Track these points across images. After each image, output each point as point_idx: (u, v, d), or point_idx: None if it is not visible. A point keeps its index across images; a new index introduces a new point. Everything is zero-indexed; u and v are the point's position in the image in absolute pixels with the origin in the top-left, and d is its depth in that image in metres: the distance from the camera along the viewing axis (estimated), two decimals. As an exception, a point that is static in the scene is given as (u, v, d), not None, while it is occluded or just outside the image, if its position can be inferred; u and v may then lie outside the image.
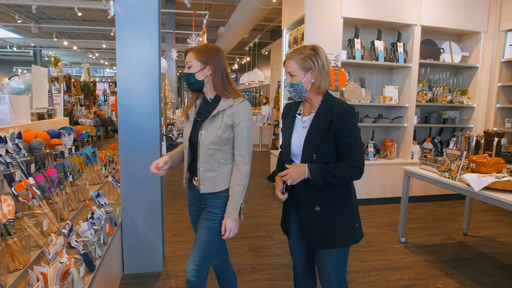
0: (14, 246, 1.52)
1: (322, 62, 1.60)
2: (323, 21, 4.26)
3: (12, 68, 19.52)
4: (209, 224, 1.78)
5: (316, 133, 1.60)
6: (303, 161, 1.63)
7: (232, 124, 1.71)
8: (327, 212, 1.65)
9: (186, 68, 1.74)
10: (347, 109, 1.59)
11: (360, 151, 1.60)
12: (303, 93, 1.63)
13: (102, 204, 2.51)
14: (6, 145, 1.94)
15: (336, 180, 1.58)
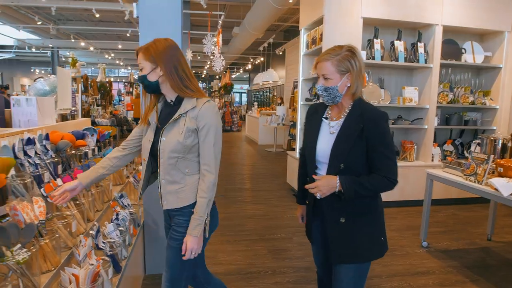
0: (46, 247, 1.54)
1: (360, 65, 1.48)
2: (342, 21, 4.21)
3: (30, 68, 19.93)
4: (174, 244, 1.61)
5: (345, 142, 1.49)
6: (330, 170, 1.53)
7: (196, 128, 1.53)
8: (352, 224, 1.55)
9: (139, 71, 1.57)
10: (380, 115, 1.48)
11: (393, 161, 1.49)
12: (337, 97, 1.51)
13: (125, 205, 2.52)
14: (34, 146, 1.96)
15: (369, 192, 1.49)
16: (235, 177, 6.41)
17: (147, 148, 1.62)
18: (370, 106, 1.52)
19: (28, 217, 1.49)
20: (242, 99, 28.34)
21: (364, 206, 1.56)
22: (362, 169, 1.51)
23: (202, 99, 1.56)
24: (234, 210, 4.43)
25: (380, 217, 1.62)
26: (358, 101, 1.53)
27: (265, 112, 10.99)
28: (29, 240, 1.38)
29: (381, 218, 1.62)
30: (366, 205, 1.56)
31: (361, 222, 1.56)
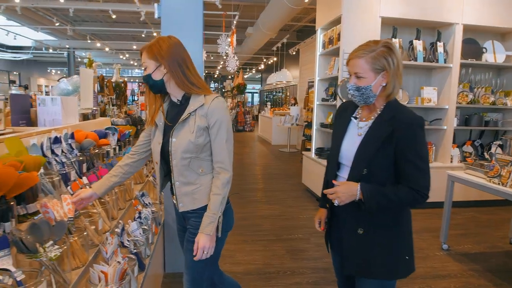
0: (75, 244, 1.56)
1: (398, 62, 1.34)
2: (360, 20, 4.18)
3: (46, 68, 20.32)
4: (190, 246, 1.57)
5: (371, 145, 1.36)
6: (352, 174, 1.41)
7: (206, 125, 1.49)
8: (371, 237, 1.40)
9: (144, 70, 1.53)
10: (414, 120, 1.32)
11: (426, 173, 1.32)
12: (370, 98, 1.37)
13: (147, 203, 2.54)
14: (61, 145, 1.99)
15: (393, 205, 1.35)
16: (250, 177, 6.41)
17: (157, 151, 1.58)
18: (405, 109, 1.38)
19: (58, 214, 1.52)
20: (254, 99, 28.36)
21: (388, 217, 1.40)
22: (387, 177, 1.37)
23: (210, 96, 1.52)
24: (250, 210, 4.43)
25: (406, 232, 1.45)
26: (393, 103, 1.40)
27: (278, 112, 10.97)
28: (60, 237, 1.40)
29: (407, 233, 1.45)
30: (390, 217, 1.41)
31: (380, 236, 1.41)
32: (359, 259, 1.44)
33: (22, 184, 1.34)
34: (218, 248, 1.64)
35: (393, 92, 1.37)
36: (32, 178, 1.37)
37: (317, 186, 4.88)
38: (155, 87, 1.53)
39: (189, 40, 2.57)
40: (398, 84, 1.37)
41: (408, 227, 1.47)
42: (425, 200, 1.35)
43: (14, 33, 11.00)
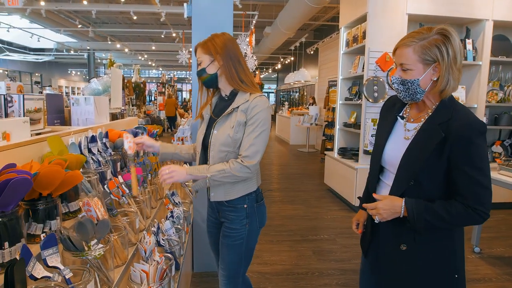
0: (115, 243, 1.57)
1: (455, 53, 1.14)
2: (386, 18, 4.10)
3: (67, 70, 20.79)
4: (230, 242, 1.62)
5: (419, 153, 1.18)
6: (396, 186, 1.24)
7: (245, 121, 1.51)
8: (416, 253, 1.23)
9: (198, 65, 1.59)
10: (473, 126, 1.12)
11: (486, 189, 1.13)
12: (417, 94, 1.19)
13: (176, 202, 2.55)
14: (96, 144, 2.01)
15: (445, 225, 1.17)
16: (271, 177, 6.39)
17: (200, 141, 1.65)
18: (463, 111, 1.17)
19: (100, 213, 1.53)
20: (270, 99, 28.34)
21: (432, 231, 1.21)
22: (438, 192, 1.19)
23: (255, 94, 1.55)
24: (274, 210, 4.41)
25: (456, 249, 1.24)
26: (448, 102, 1.20)
27: (296, 112, 10.91)
28: (103, 236, 1.41)
29: (458, 249, 1.25)
30: (434, 231, 1.21)
31: (427, 252, 1.24)
32: (400, 279, 1.28)
33: (68, 183, 1.35)
34: (252, 244, 1.68)
35: (447, 89, 1.17)
36: (77, 177, 1.38)
37: (341, 186, 4.82)
38: (209, 81, 1.59)
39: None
40: (454, 80, 1.17)
41: (461, 239, 1.28)
42: (484, 220, 1.16)
43: (37, 35, 11.28)
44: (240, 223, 1.61)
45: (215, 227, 1.79)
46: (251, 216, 1.63)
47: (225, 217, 1.65)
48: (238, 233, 1.62)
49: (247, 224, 1.63)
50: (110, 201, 1.74)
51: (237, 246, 1.63)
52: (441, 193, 1.20)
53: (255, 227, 1.66)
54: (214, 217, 1.78)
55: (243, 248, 1.65)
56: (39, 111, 1.81)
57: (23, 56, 14.75)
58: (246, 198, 1.61)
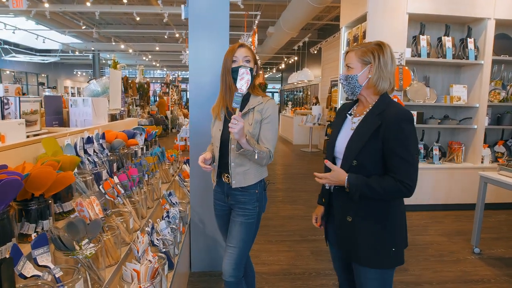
0: (108, 242, 1.59)
1: (385, 60, 1.44)
2: (386, 17, 4.09)
3: (73, 70, 20.97)
4: (244, 220, 1.82)
5: (359, 137, 1.45)
6: (342, 166, 1.49)
7: (261, 119, 1.77)
8: (358, 225, 1.49)
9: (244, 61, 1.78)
10: (402, 115, 1.39)
11: (412, 166, 1.38)
12: (356, 88, 1.49)
13: (174, 203, 2.57)
14: (93, 145, 2.04)
15: (378, 196, 1.41)
16: (273, 177, 6.39)
17: (218, 137, 1.84)
18: (395, 105, 1.45)
19: (93, 213, 1.55)
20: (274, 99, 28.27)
21: (368, 208, 1.47)
22: (376, 170, 1.44)
23: (266, 97, 1.84)
24: (274, 210, 4.41)
25: (396, 226, 1.49)
26: (384, 99, 1.48)
27: (300, 112, 10.90)
28: (95, 235, 1.43)
29: (397, 227, 1.50)
30: (371, 207, 1.47)
31: (366, 226, 1.48)
32: (349, 244, 1.53)
33: (59, 183, 1.38)
34: (258, 226, 1.89)
35: (379, 86, 1.46)
36: (69, 178, 1.40)
37: (341, 186, 4.81)
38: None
39: (215, 41, 2.60)
40: (384, 81, 1.45)
41: (399, 221, 1.51)
42: (410, 193, 1.38)
43: (42, 36, 11.39)
44: (253, 205, 1.83)
45: (222, 210, 1.96)
46: (260, 200, 1.87)
47: (236, 200, 1.84)
48: (251, 212, 1.83)
49: (257, 207, 1.85)
50: (104, 201, 1.76)
51: (250, 225, 1.83)
52: (379, 171, 1.44)
53: (261, 211, 1.90)
54: (222, 202, 1.93)
55: (254, 227, 1.85)
56: (36, 113, 1.84)
57: (29, 57, 14.91)
58: (258, 185, 1.84)
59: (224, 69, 1.83)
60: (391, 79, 1.48)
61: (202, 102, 2.57)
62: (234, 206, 1.87)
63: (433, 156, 4.44)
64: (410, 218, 4.10)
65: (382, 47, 1.46)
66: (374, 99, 1.51)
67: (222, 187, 1.90)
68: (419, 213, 4.27)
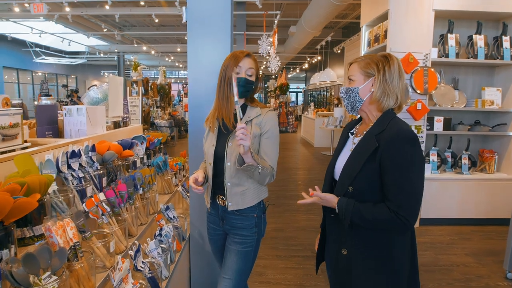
0: (80, 271, 1.45)
1: (391, 73, 1.29)
2: (410, 15, 3.77)
3: (100, 71, 21.55)
4: (241, 248, 1.65)
5: (356, 160, 1.29)
6: (338, 192, 1.34)
7: (260, 133, 1.61)
8: (354, 261, 1.31)
9: (247, 74, 1.62)
10: (402, 136, 1.21)
11: (411, 195, 1.19)
12: (357, 102, 1.34)
13: (171, 217, 2.43)
14: (80, 158, 1.91)
15: (369, 225, 1.25)
16: (289, 182, 6.17)
17: (211, 153, 1.67)
18: (397, 124, 1.27)
19: (62, 239, 1.41)
20: (298, 98, 27.93)
21: (367, 239, 1.29)
22: (376, 197, 1.26)
23: (265, 109, 1.66)
24: (287, 220, 4.20)
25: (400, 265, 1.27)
26: (387, 117, 1.30)
27: (321, 114, 10.58)
28: (59, 267, 1.29)
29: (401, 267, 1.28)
30: (379, 241, 1.28)
31: (364, 262, 1.30)
32: (343, 282, 1.38)
33: (19, 210, 1.24)
34: (257, 253, 1.73)
35: (382, 102, 1.29)
36: (30, 203, 1.27)
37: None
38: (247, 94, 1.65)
39: (217, 44, 2.43)
40: (389, 96, 1.29)
41: (400, 248, 1.29)
42: (406, 227, 1.21)
43: (68, 39, 11.69)
44: (250, 231, 1.66)
45: (217, 234, 1.80)
46: (258, 226, 1.69)
47: (232, 225, 1.67)
48: (248, 239, 1.66)
49: (255, 233, 1.68)
50: (83, 223, 1.63)
51: (247, 253, 1.66)
52: (378, 199, 1.26)
53: (260, 237, 1.73)
54: (216, 225, 1.77)
55: (251, 256, 1.68)
56: (16, 126, 1.73)
57: (57, 60, 15.40)
58: (256, 208, 1.66)
59: (224, 78, 1.63)
60: (398, 95, 1.31)
61: (200, 107, 2.40)
62: (230, 232, 1.71)
63: (461, 165, 4.08)
64: (433, 233, 3.77)
65: (389, 59, 1.31)
66: (377, 116, 1.34)
67: (217, 210, 1.73)
68: (444, 227, 3.92)
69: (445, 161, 4.12)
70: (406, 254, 1.30)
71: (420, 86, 3.79)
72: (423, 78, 3.77)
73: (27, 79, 16.73)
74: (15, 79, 15.86)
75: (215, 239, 1.83)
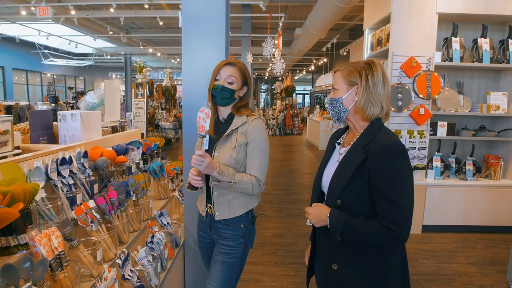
0: (65, 280, 1.43)
1: (375, 81, 1.24)
2: (413, 18, 3.71)
3: (107, 73, 21.75)
4: (225, 258, 1.64)
5: (342, 173, 1.25)
6: (327, 205, 1.29)
7: (246, 142, 1.59)
8: (346, 273, 1.27)
9: (226, 82, 1.60)
10: (390, 148, 1.17)
11: (402, 209, 1.14)
12: (341, 113, 1.30)
13: (165, 224, 2.41)
14: (71, 165, 1.90)
15: (360, 240, 1.21)
16: (292, 186, 6.12)
17: None
18: (385, 135, 1.23)
19: (46, 249, 1.40)
20: (305, 100, 27.84)
21: (358, 254, 1.25)
22: (364, 210, 1.22)
23: (252, 117, 1.63)
24: (287, 225, 4.16)
25: (388, 268, 1.25)
26: (373, 127, 1.26)
27: (326, 116, 10.51)
28: (40, 277, 1.27)
29: (391, 269, 1.25)
30: (361, 254, 1.25)
31: (354, 278, 1.26)
32: None
33: (0, 220, 1.23)
34: (243, 264, 1.71)
35: (367, 111, 1.25)
36: (11, 214, 1.26)
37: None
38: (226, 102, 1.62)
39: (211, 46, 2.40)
40: (374, 105, 1.25)
41: (396, 268, 1.26)
42: (398, 242, 1.17)
43: (75, 41, 11.81)
44: (236, 241, 1.64)
45: (206, 242, 1.79)
46: (246, 236, 1.67)
47: (219, 234, 1.66)
48: (234, 250, 1.64)
49: (242, 244, 1.66)
50: (70, 231, 1.61)
51: (232, 264, 1.64)
52: (367, 213, 1.22)
53: (247, 248, 1.70)
54: (205, 233, 1.77)
55: (237, 267, 1.66)
56: (6, 133, 1.73)
57: (66, 61, 15.57)
58: (244, 218, 1.64)
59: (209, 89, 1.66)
60: (383, 103, 1.27)
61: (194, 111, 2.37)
62: (217, 241, 1.70)
63: (466, 171, 3.99)
64: (435, 240, 3.69)
65: (372, 66, 1.27)
66: (363, 125, 1.30)
67: (206, 218, 1.73)
68: (447, 235, 3.84)
69: (449, 167, 4.04)
70: (399, 264, 1.28)
71: (423, 91, 3.72)
72: (426, 82, 3.70)
73: (36, 81, 16.96)
74: (24, 80, 16.09)
75: (204, 247, 1.82)
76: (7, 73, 14.48)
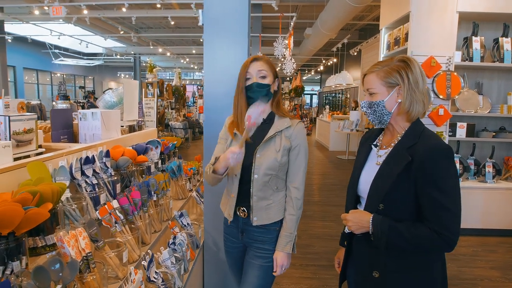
0: (93, 282, 1.41)
1: (415, 78, 1.19)
2: (432, 17, 3.64)
3: (116, 73, 21.88)
4: (263, 263, 1.58)
5: (386, 176, 1.19)
6: (367, 210, 1.24)
7: (290, 147, 1.54)
8: (388, 282, 1.22)
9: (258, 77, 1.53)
10: (439, 150, 1.12)
11: (452, 213, 1.09)
12: (384, 116, 1.24)
13: (185, 224, 2.38)
14: (93, 164, 1.88)
15: (408, 247, 1.15)
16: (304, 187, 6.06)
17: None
18: (430, 136, 1.19)
19: (74, 250, 1.37)
20: (313, 100, 27.73)
21: (404, 260, 1.20)
22: (409, 215, 1.17)
23: (295, 120, 1.58)
24: (302, 227, 4.11)
25: (436, 280, 1.20)
26: (416, 128, 1.22)
27: (337, 117, 10.43)
28: (70, 279, 1.25)
29: (438, 282, 1.21)
30: (407, 260, 1.20)
31: (399, 284, 1.21)
32: None
33: (31, 221, 1.20)
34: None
35: (411, 111, 1.20)
36: (42, 214, 1.23)
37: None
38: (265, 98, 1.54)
39: (234, 47, 2.37)
40: (418, 103, 1.20)
41: (440, 273, 1.22)
42: (448, 247, 1.11)
43: (86, 41, 11.88)
44: (273, 245, 1.59)
45: (235, 247, 1.72)
46: None
47: (254, 238, 1.61)
48: (271, 254, 1.58)
49: None
50: (96, 232, 1.59)
51: (270, 268, 1.59)
52: (412, 218, 1.17)
53: None
54: (235, 238, 1.70)
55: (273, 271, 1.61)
56: (30, 131, 1.71)
57: (75, 61, 15.68)
58: (280, 222, 1.59)
59: (238, 88, 1.57)
60: (424, 100, 1.22)
61: (216, 113, 2.34)
62: (251, 246, 1.63)
63: (485, 173, 3.91)
64: (456, 244, 3.62)
65: (409, 63, 1.21)
66: (404, 126, 1.25)
67: (237, 222, 1.64)
68: (467, 238, 3.76)
69: (467, 168, 3.96)
70: (440, 266, 1.23)
71: (443, 91, 3.65)
72: (446, 83, 3.63)
73: (47, 80, 17.10)
74: (34, 79, 16.23)
75: (233, 252, 1.75)
76: (18, 72, 14.62)
